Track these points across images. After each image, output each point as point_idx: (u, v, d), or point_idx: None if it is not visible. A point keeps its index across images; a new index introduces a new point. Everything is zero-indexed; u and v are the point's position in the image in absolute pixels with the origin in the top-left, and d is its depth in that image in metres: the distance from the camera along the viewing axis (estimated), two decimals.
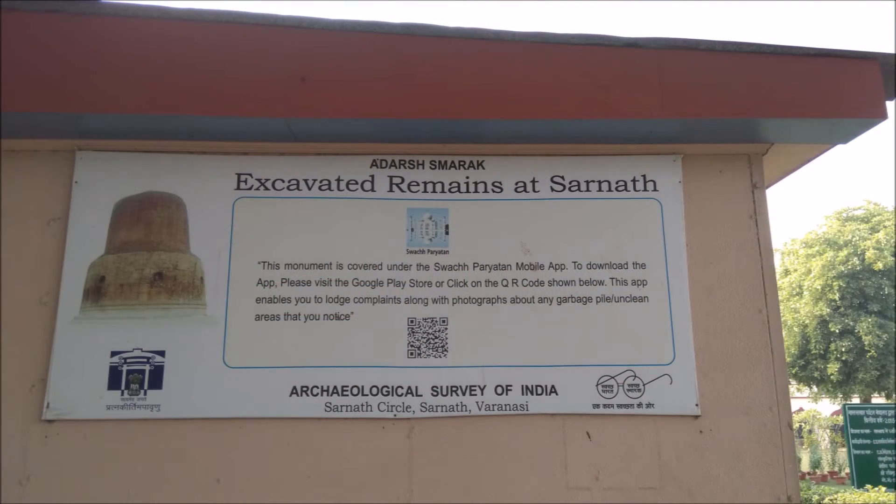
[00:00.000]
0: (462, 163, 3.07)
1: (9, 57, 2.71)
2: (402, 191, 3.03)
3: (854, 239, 22.20)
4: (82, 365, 2.78)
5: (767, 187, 3.32)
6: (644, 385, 2.85)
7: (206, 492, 2.71)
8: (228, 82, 2.77)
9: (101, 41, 2.81)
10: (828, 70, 2.82)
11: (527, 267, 2.96)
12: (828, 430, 25.90)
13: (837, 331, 21.15)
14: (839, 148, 3.15)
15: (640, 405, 2.83)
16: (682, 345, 2.89)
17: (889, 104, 2.90)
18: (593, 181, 3.08)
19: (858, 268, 21.53)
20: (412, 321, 2.88)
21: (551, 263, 2.96)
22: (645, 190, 3.07)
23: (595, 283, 2.95)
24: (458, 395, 2.82)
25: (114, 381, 2.77)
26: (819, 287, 21.83)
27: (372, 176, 3.03)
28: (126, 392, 2.77)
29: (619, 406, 2.83)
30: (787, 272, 24.18)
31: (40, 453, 2.71)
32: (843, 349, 20.98)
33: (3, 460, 2.70)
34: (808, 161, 3.34)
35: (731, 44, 2.85)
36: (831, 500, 7.73)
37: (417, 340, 2.86)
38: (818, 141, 3.07)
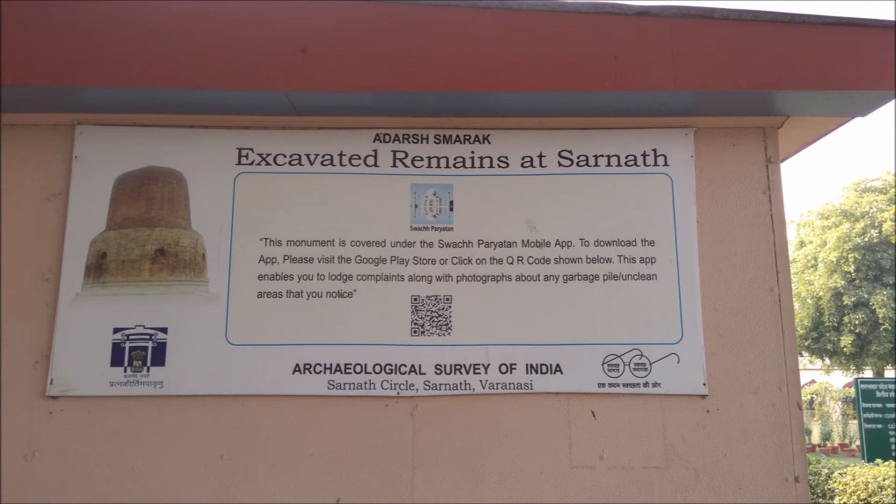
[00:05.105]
0: (467, 137, 3.00)
1: (9, 31, 2.66)
2: (406, 166, 2.97)
3: (871, 210, 21.88)
4: (85, 341, 2.77)
5: (783, 161, 3.23)
6: (651, 364, 2.81)
7: (210, 467, 2.72)
8: (228, 54, 2.70)
9: (100, 14, 2.74)
10: (847, 40, 2.71)
11: (533, 244, 2.90)
12: (839, 403, 25.90)
13: (851, 303, 20.97)
14: (858, 119, 3.05)
15: (646, 384, 2.80)
16: (691, 323, 2.83)
17: None
18: (602, 155, 3.00)
19: (875, 240, 21.27)
20: (416, 299, 2.85)
21: (558, 240, 2.90)
22: (655, 164, 2.99)
23: (602, 260, 2.89)
24: (461, 373, 2.79)
25: (116, 358, 2.77)
26: (834, 259, 21.60)
27: (375, 151, 2.97)
28: (129, 369, 2.76)
29: (625, 385, 2.80)
30: (802, 244, 23.93)
31: (44, 429, 2.72)
32: (857, 322, 20.82)
33: (8, 436, 2.71)
34: (826, 134, 3.24)
35: (746, 12, 2.75)
36: (840, 474, 7.72)
37: (421, 318, 2.83)
38: (836, 114, 2.97)
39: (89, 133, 2.96)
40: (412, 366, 2.79)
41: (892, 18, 2.69)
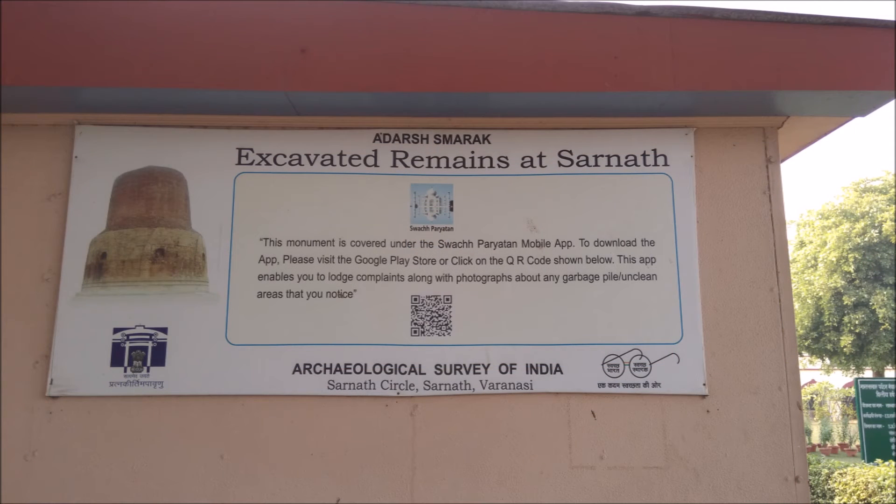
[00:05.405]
0: (467, 137, 3.00)
1: (9, 31, 2.66)
2: (406, 166, 2.97)
3: (871, 210, 21.88)
4: (85, 341, 2.77)
5: (783, 161, 3.23)
6: (651, 364, 2.81)
7: (210, 467, 2.72)
8: (228, 54, 2.70)
9: (100, 14, 2.74)
10: (847, 40, 2.71)
11: (532, 244, 2.90)
12: (839, 403, 25.90)
13: (851, 303, 20.96)
14: (858, 119, 3.05)
15: (646, 384, 2.80)
16: (691, 324, 2.83)
17: None
18: (602, 155, 3.00)
19: (875, 240, 21.26)
20: (416, 299, 2.85)
21: (558, 240, 2.90)
22: (655, 164, 2.99)
23: (602, 260, 2.89)
24: (461, 373, 2.79)
25: (116, 358, 2.77)
26: (834, 259, 21.60)
27: (375, 151, 2.97)
28: (129, 369, 2.76)
29: (625, 385, 2.80)
30: (802, 244, 23.93)
31: (45, 429, 2.72)
32: (857, 322, 20.81)
33: (8, 436, 2.71)
34: (826, 134, 3.24)
35: (746, 12, 2.75)
36: (840, 474, 7.72)
37: (421, 318, 2.83)
38: (836, 114, 2.97)
39: (89, 133, 2.96)
40: (412, 366, 2.79)
41: (892, 18, 2.69)
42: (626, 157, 2.99)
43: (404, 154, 2.98)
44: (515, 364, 2.80)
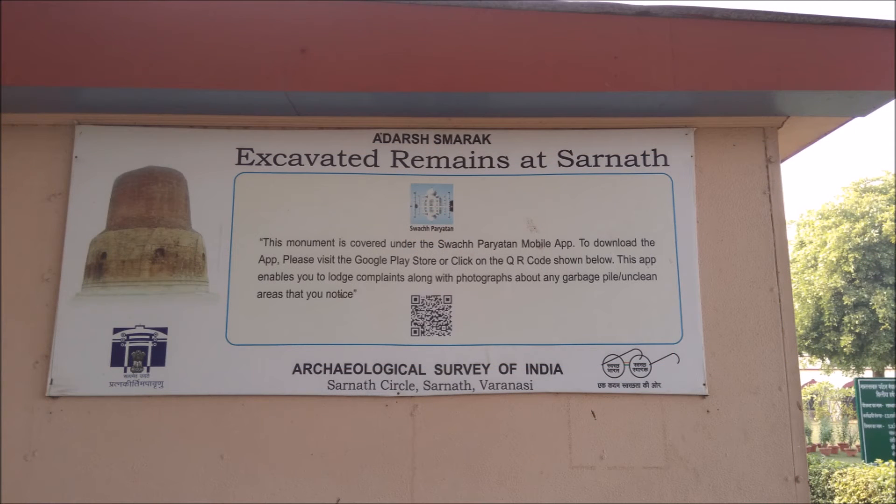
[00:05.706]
0: (467, 137, 3.00)
1: (9, 31, 2.66)
2: (406, 166, 2.97)
3: (871, 210, 21.88)
4: (85, 341, 2.77)
5: (783, 161, 3.23)
6: (651, 364, 2.81)
7: (210, 467, 2.72)
8: (228, 54, 2.70)
9: (100, 14, 2.74)
10: (847, 40, 2.71)
11: (533, 244, 2.90)
12: (839, 403, 25.91)
13: (851, 303, 20.96)
14: (858, 119, 3.05)
15: (646, 384, 2.80)
16: (691, 324, 2.83)
17: None
18: (602, 155, 3.00)
19: (875, 240, 21.26)
20: (416, 299, 2.85)
21: (558, 240, 2.90)
22: (655, 164, 2.99)
23: (602, 260, 2.89)
24: (461, 373, 2.79)
25: (116, 358, 2.77)
26: (834, 259, 21.60)
27: (375, 151, 2.97)
28: (129, 369, 2.76)
29: (625, 385, 2.80)
30: (802, 244, 23.93)
31: (45, 429, 2.72)
32: (857, 322, 20.81)
33: (8, 436, 2.71)
34: (826, 134, 3.24)
35: (746, 12, 2.75)
36: (840, 474, 7.72)
37: (421, 318, 2.83)
38: (836, 114, 2.97)
39: (89, 133, 2.96)
40: (412, 366, 2.79)
41: (892, 18, 2.70)
42: (626, 157, 3.00)
43: (404, 154, 2.98)
44: (515, 364, 2.80)
